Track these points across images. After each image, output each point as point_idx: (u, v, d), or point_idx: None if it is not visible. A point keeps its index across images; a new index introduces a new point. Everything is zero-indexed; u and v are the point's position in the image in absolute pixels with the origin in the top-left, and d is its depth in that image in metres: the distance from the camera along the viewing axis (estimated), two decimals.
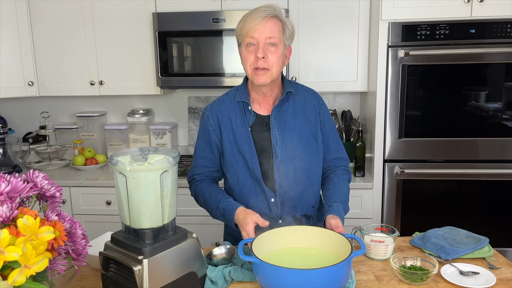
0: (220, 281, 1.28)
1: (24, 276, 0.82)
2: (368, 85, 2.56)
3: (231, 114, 1.55)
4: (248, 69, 1.47)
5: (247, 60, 1.46)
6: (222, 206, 1.50)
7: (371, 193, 2.43)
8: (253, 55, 1.44)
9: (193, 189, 1.63)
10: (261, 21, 1.41)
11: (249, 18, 1.43)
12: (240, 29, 1.46)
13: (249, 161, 1.52)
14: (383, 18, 2.28)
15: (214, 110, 1.58)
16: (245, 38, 1.45)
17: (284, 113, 1.55)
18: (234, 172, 1.55)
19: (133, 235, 1.19)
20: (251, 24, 1.42)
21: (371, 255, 1.46)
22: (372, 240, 1.44)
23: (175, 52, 2.54)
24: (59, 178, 2.56)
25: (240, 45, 1.50)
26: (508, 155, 2.34)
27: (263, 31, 1.42)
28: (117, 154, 1.19)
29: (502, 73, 2.29)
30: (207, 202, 1.56)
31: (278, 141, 1.53)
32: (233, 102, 1.57)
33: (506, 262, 1.42)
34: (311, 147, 1.56)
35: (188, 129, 3.00)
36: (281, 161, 1.52)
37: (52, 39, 2.65)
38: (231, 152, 1.54)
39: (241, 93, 1.56)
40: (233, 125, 1.54)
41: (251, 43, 1.44)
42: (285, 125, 1.54)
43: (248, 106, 1.54)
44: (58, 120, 3.07)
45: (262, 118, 1.55)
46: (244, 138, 1.53)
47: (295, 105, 1.56)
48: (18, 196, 0.94)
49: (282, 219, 1.55)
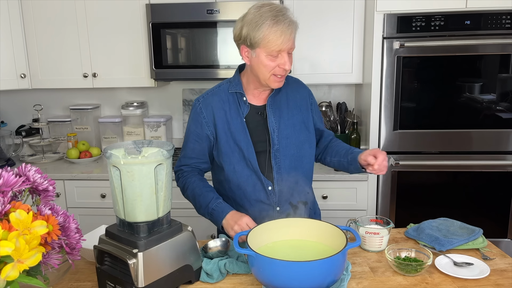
0: (216, 274, 1.28)
1: (17, 271, 0.81)
2: (363, 77, 2.56)
3: (225, 106, 1.56)
4: (266, 74, 1.46)
5: (268, 67, 1.45)
6: (212, 207, 1.52)
7: (366, 185, 2.43)
8: (275, 63, 1.44)
9: (181, 181, 1.63)
10: (290, 36, 1.40)
11: (276, 31, 1.38)
12: (264, 39, 1.40)
13: (245, 151, 1.54)
14: (378, 9, 2.27)
15: (208, 102, 1.58)
16: (271, 50, 1.41)
17: (278, 103, 1.58)
18: (231, 163, 1.56)
19: (128, 229, 1.18)
20: (280, 40, 1.39)
21: (366, 246, 1.47)
22: (367, 232, 1.45)
23: (169, 44, 2.51)
24: (53, 171, 2.54)
25: (254, 47, 1.44)
26: (502, 146, 2.35)
27: (290, 44, 1.42)
28: (110, 147, 1.18)
29: (497, 65, 2.29)
30: (196, 198, 1.57)
31: (275, 129, 1.56)
32: (226, 94, 1.57)
33: (499, 253, 1.43)
34: (304, 135, 1.60)
35: (182, 121, 2.99)
36: (277, 149, 1.56)
37: (44, 30, 2.62)
38: (227, 143, 1.55)
39: (235, 84, 1.57)
40: (227, 116, 1.55)
41: (275, 54, 1.43)
42: (280, 114, 1.57)
43: (243, 97, 1.56)
44: (51, 113, 3.04)
45: (256, 108, 1.57)
46: (239, 128, 1.54)
47: (288, 95, 1.60)
48: (10, 190, 0.93)
49: (280, 206, 1.58)
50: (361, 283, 1.26)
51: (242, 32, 1.44)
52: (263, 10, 1.41)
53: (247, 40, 1.44)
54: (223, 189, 1.63)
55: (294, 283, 1.13)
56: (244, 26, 1.43)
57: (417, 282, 1.26)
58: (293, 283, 1.13)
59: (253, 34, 1.41)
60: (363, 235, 1.45)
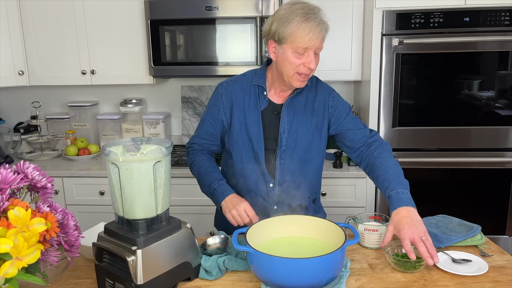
0: (215, 271, 1.28)
1: (16, 268, 0.81)
2: (362, 74, 2.55)
3: (245, 96, 1.57)
4: (290, 71, 1.46)
5: (292, 64, 1.44)
6: (214, 186, 1.55)
7: (365, 182, 2.43)
8: (301, 60, 1.43)
9: (190, 157, 1.67)
10: (318, 34, 1.40)
11: (305, 28, 1.38)
12: (292, 35, 1.39)
13: (255, 144, 1.55)
14: (377, 6, 2.27)
15: (229, 89, 1.59)
16: (297, 46, 1.41)
17: (296, 105, 1.57)
18: (239, 152, 1.58)
19: (127, 226, 1.18)
20: (308, 37, 1.39)
21: (365, 243, 1.47)
22: (365, 229, 1.45)
23: (168, 40, 2.51)
24: (51, 169, 2.54)
25: (282, 43, 1.43)
26: (501, 143, 2.35)
27: (317, 42, 1.42)
28: (109, 145, 1.18)
29: (495, 62, 2.29)
30: (201, 176, 1.60)
31: (286, 130, 1.56)
32: (249, 84, 1.58)
33: (498, 249, 1.44)
34: (315, 140, 1.60)
35: (181, 118, 2.98)
36: (284, 150, 1.56)
37: (42, 27, 2.61)
38: (239, 132, 1.57)
39: (259, 77, 1.57)
40: (245, 107, 1.56)
41: (301, 52, 1.42)
42: (294, 116, 1.57)
43: (264, 91, 1.57)
44: (50, 110, 3.04)
45: (274, 105, 1.58)
46: (254, 121, 1.56)
47: (307, 98, 1.59)
48: (9, 187, 0.93)
49: (278, 206, 1.58)
50: (360, 280, 1.26)
51: (272, 27, 1.44)
52: (295, 7, 1.42)
53: (275, 35, 1.44)
54: (228, 174, 1.65)
55: (293, 280, 1.13)
56: (275, 21, 1.44)
57: (416, 279, 1.26)
58: (292, 280, 1.13)
59: (282, 29, 1.41)
60: (362, 232, 1.45)
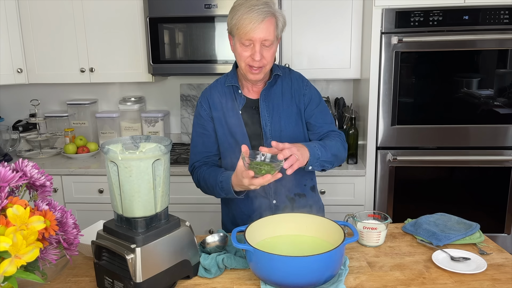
0: (214, 269, 1.28)
1: (14, 266, 0.81)
2: (361, 72, 2.55)
3: (222, 99, 1.58)
4: (242, 64, 1.48)
5: (241, 57, 1.46)
6: (219, 180, 1.48)
7: (364, 180, 2.44)
8: (248, 52, 1.44)
9: (195, 177, 1.62)
10: (258, 24, 1.39)
11: (246, 18, 1.39)
12: (235, 26, 1.42)
13: (241, 144, 1.52)
14: (376, 4, 2.26)
15: (206, 96, 1.62)
16: (241, 37, 1.42)
17: (273, 95, 1.58)
18: (227, 155, 1.58)
19: (126, 224, 1.18)
20: (248, 27, 1.39)
21: (364, 241, 1.47)
22: (364, 227, 1.45)
23: (167, 38, 2.50)
24: (50, 167, 2.54)
25: (233, 36, 1.47)
26: (500, 141, 2.35)
27: (259, 33, 1.40)
28: (108, 143, 1.18)
29: (494, 60, 2.29)
30: (208, 183, 1.53)
31: (268, 122, 1.56)
32: (223, 87, 1.59)
33: (496, 247, 1.44)
34: (298, 128, 1.60)
35: (180, 116, 2.98)
36: (270, 143, 1.53)
37: (41, 25, 2.60)
38: (223, 135, 1.58)
39: (231, 78, 1.59)
40: (224, 109, 1.57)
41: (247, 43, 1.43)
42: (273, 107, 1.57)
43: (238, 90, 1.57)
44: (48, 108, 3.03)
45: (252, 101, 1.58)
46: (235, 122, 1.56)
47: (283, 87, 1.60)
48: (7, 185, 0.92)
49: (276, 199, 1.59)
50: (359, 278, 1.26)
51: (228, 19, 1.47)
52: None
53: (228, 27, 1.47)
54: None
55: (292, 278, 1.13)
56: (229, 13, 1.46)
57: (414, 277, 1.26)
58: (291, 278, 1.14)
59: (230, 20, 1.45)
60: (360, 230, 1.46)
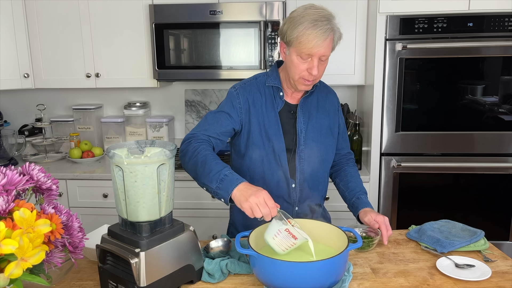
0: (217, 274, 1.28)
1: (20, 269, 0.82)
2: (365, 78, 2.56)
3: (261, 97, 1.57)
4: (295, 75, 1.48)
5: (297, 69, 1.46)
6: (225, 173, 1.34)
7: (368, 186, 2.43)
8: (305, 66, 1.44)
9: (189, 146, 1.45)
10: (322, 42, 1.39)
11: (310, 34, 1.38)
12: (297, 39, 1.40)
13: (276, 146, 1.55)
14: (381, 11, 2.27)
15: (245, 91, 1.57)
16: (301, 51, 1.42)
17: (309, 105, 1.61)
18: (260, 154, 1.56)
19: (130, 228, 1.19)
20: (312, 44, 1.39)
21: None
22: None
23: (172, 44, 2.52)
24: (55, 171, 2.55)
25: (290, 46, 1.45)
26: (504, 148, 2.35)
27: (320, 49, 1.41)
28: (113, 147, 1.19)
29: (499, 67, 2.29)
30: (208, 162, 1.37)
31: (303, 130, 1.58)
32: (263, 86, 1.59)
33: (501, 255, 1.43)
34: (328, 140, 1.63)
35: (185, 122, 2.99)
36: (303, 150, 1.57)
37: (47, 30, 2.63)
38: (259, 134, 1.56)
39: (273, 78, 1.58)
40: (263, 109, 1.56)
41: (305, 57, 1.43)
42: (309, 116, 1.60)
43: (280, 92, 1.58)
44: (54, 113, 3.05)
45: (289, 106, 1.60)
46: (272, 122, 1.56)
47: (318, 99, 1.63)
48: (14, 188, 0.93)
49: (299, 207, 1.60)
50: (363, 284, 1.26)
51: (284, 28, 1.46)
52: (308, 11, 1.41)
53: (285, 36, 1.46)
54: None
55: (295, 283, 1.13)
56: (287, 22, 1.45)
57: (418, 284, 1.26)
58: (295, 284, 1.13)
59: (290, 32, 1.43)
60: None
